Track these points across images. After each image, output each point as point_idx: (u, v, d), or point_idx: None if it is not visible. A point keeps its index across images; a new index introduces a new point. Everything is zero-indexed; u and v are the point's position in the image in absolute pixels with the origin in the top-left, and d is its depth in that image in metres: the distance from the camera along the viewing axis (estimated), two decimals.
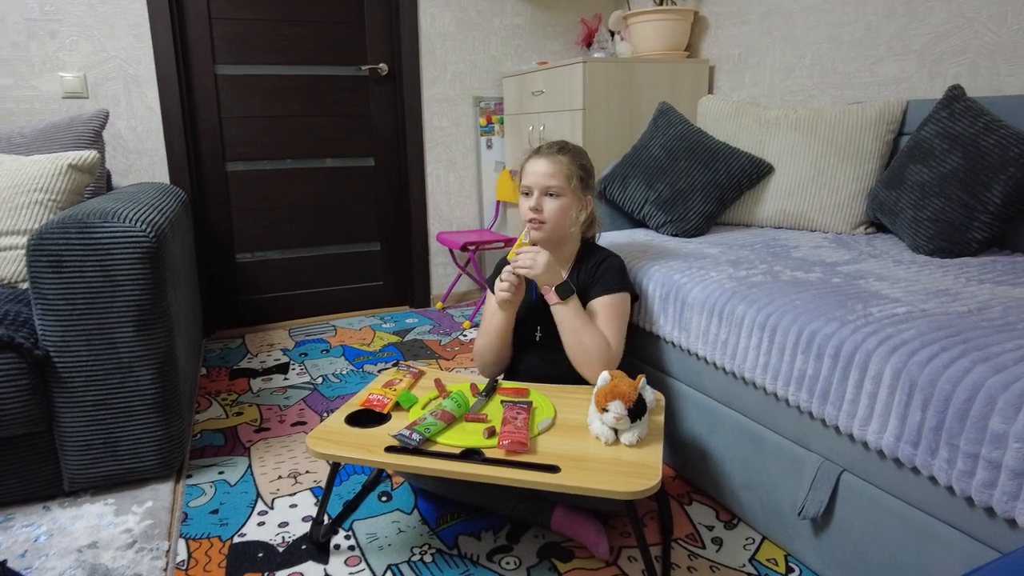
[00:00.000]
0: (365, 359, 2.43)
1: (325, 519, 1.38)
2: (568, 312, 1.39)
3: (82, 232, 1.36)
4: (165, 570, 1.26)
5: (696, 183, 1.96)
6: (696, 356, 1.45)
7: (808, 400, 1.16)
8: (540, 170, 1.45)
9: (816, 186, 1.93)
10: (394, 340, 2.64)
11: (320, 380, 2.23)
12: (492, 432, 1.18)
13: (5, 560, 1.28)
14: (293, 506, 1.49)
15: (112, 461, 1.48)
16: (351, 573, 1.26)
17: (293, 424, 1.90)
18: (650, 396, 1.24)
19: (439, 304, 3.12)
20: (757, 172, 2.00)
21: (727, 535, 1.37)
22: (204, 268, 2.71)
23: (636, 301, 1.58)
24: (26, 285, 1.66)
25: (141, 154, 2.53)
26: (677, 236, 1.94)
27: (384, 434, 1.20)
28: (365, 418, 1.28)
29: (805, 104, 2.33)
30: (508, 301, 1.43)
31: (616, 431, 1.16)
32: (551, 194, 1.45)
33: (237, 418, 1.94)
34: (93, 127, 1.99)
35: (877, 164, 1.86)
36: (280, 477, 1.61)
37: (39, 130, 1.97)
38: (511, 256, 1.43)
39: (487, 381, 1.40)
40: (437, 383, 1.40)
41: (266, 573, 1.26)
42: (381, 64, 2.86)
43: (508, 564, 1.28)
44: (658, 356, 1.60)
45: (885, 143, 1.86)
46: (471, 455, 1.13)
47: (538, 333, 1.52)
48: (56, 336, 1.39)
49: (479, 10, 2.96)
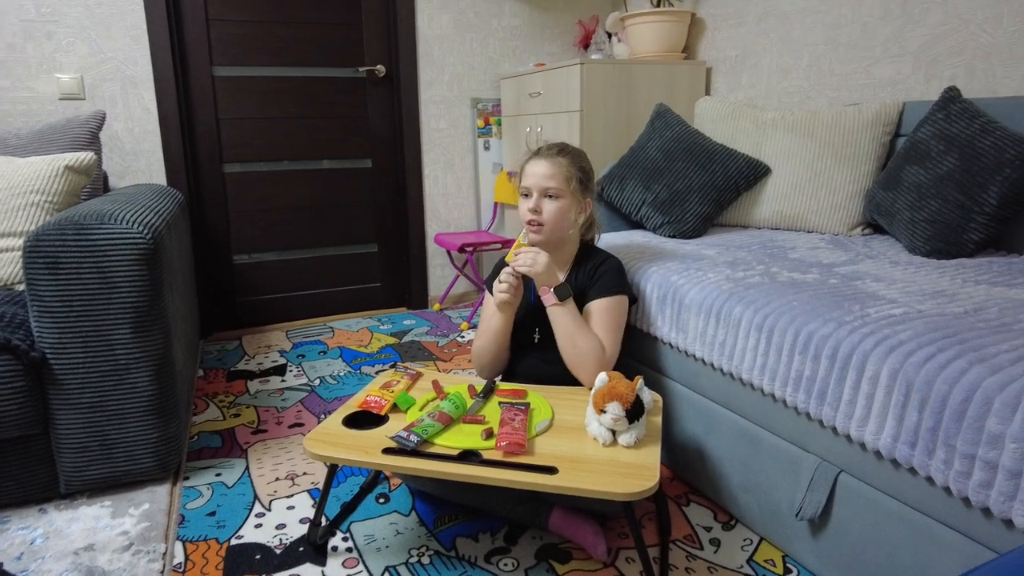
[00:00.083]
0: (362, 361, 2.43)
1: (323, 521, 1.37)
2: (565, 314, 1.39)
3: (79, 234, 1.36)
4: (162, 572, 1.26)
5: (693, 184, 1.97)
6: (694, 357, 1.46)
7: (805, 401, 1.16)
8: (539, 171, 1.45)
9: (813, 187, 1.93)
10: (392, 342, 2.64)
11: (317, 382, 2.23)
12: (490, 433, 1.18)
13: (1, 563, 1.27)
14: (291, 508, 1.49)
15: (109, 463, 1.48)
16: (349, 575, 1.26)
17: (290, 426, 1.90)
18: (648, 397, 1.24)
19: (437, 305, 3.12)
20: (754, 173, 2.00)
21: (725, 536, 1.37)
22: (201, 270, 2.71)
23: (634, 304, 1.58)
24: (22, 287, 1.65)
25: (138, 156, 2.53)
26: (674, 237, 1.94)
27: (382, 436, 1.20)
28: (363, 420, 1.28)
29: (802, 106, 2.34)
30: (507, 303, 1.43)
31: (614, 432, 1.16)
32: (550, 196, 1.45)
33: (234, 420, 1.94)
34: (90, 129, 1.99)
35: (874, 165, 1.86)
36: (277, 479, 1.61)
37: (35, 132, 1.97)
38: (509, 258, 1.43)
39: (485, 382, 1.40)
40: (435, 384, 1.40)
41: (263, 575, 1.26)
42: (378, 66, 2.86)
43: (506, 566, 1.28)
44: (656, 357, 1.60)
45: (882, 144, 1.87)
46: (469, 456, 1.13)
47: (536, 335, 1.52)
48: (52, 338, 1.38)
49: (477, 12, 2.96)
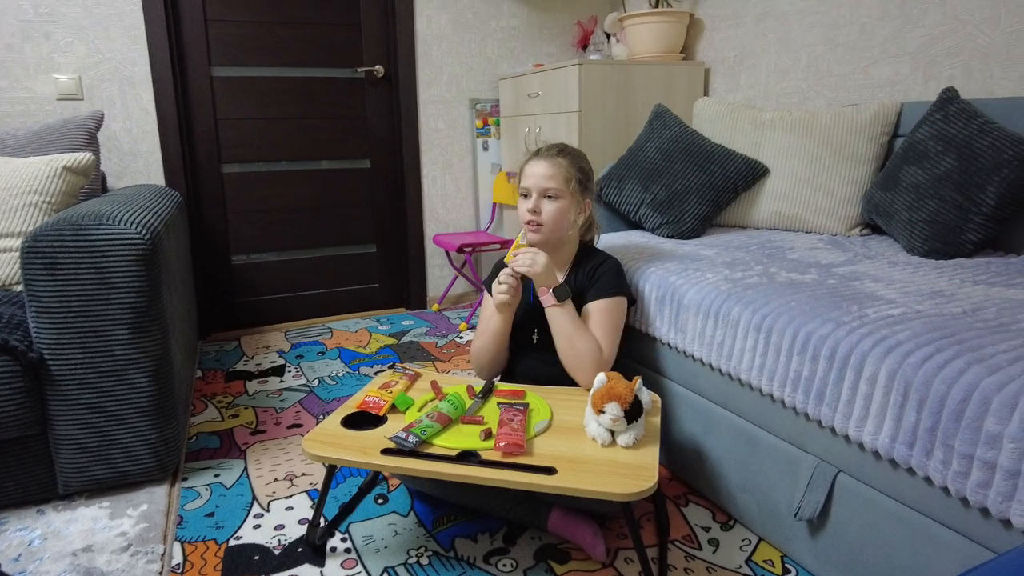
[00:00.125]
0: (361, 361, 2.43)
1: (321, 522, 1.37)
2: (563, 315, 1.39)
3: (77, 234, 1.36)
4: (160, 573, 1.26)
5: (692, 185, 1.97)
6: (692, 358, 1.46)
7: (804, 401, 1.16)
8: (539, 172, 1.45)
9: (811, 188, 1.93)
10: (390, 342, 2.64)
11: (316, 382, 2.23)
12: (488, 434, 1.18)
13: (0, 564, 1.27)
14: (289, 509, 1.49)
15: (107, 464, 1.48)
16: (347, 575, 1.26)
17: (289, 426, 1.90)
18: (646, 398, 1.24)
19: (435, 306, 3.12)
20: (752, 174, 2.00)
21: (723, 536, 1.38)
22: (200, 270, 2.71)
23: (633, 305, 1.58)
24: (20, 288, 1.65)
25: (136, 156, 2.52)
26: (673, 238, 1.94)
27: (380, 436, 1.20)
28: (361, 420, 1.28)
29: (800, 106, 2.34)
30: (506, 303, 1.43)
31: (612, 433, 1.16)
32: (549, 196, 1.45)
33: (233, 421, 1.94)
34: (88, 129, 1.99)
35: (872, 166, 1.87)
36: (276, 480, 1.61)
37: (33, 132, 1.96)
38: (508, 258, 1.43)
39: (484, 383, 1.40)
40: (433, 385, 1.40)
41: None
42: (377, 66, 2.86)
43: (505, 566, 1.28)
44: (654, 358, 1.60)
45: (880, 145, 1.87)
46: (467, 457, 1.13)
47: (535, 336, 1.52)
48: (50, 339, 1.38)
49: (475, 12, 2.96)
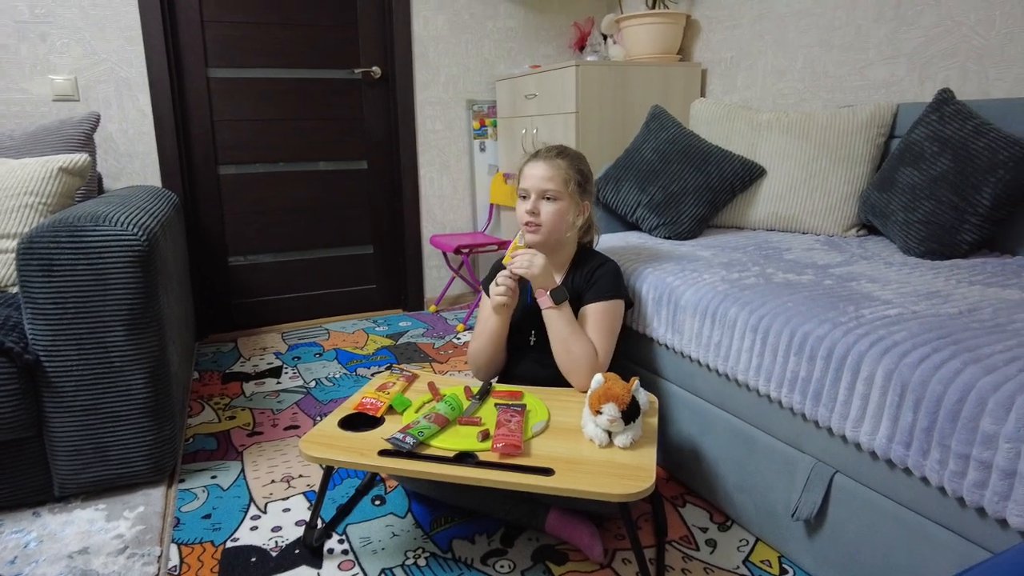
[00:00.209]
0: (358, 362, 2.42)
1: (319, 523, 1.37)
2: (560, 318, 1.39)
3: (73, 235, 1.35)
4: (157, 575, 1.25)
5: (688, 186, 1.97)
6: (689, 358, 1.46)
7: (801, 402, 1.16)
8: (538, 174, 1.45)
9: (808, 189, 1.94)
10: (387, 343, 2.64)
11: (313, 384, 2.22)
12: (486, 435, 1.18)
13: None
14: (286, 510, 1.48)
15: (103, 466, 1.47)
16: None
17: (286, 428, 1.90)
18: (644, 398, 1.24)
19: (432, 307, 3.12)
20: (749, 175, 2.01)
21: (721, 537, 1.38)
22: (196, 272, 2.70)
23: (630, 308, 1.58)
24: (16, 289, 1.64)
25: (133, 157, 2.52)
26: (670, 239, 1.94)
27: (378, 438, 1.20)
28: (358, 422, 1.27)
29: (797, 107, 2.35)
30: (504, 305, 1.43)
31: (610, 433, 1.16)
32: (548, 198, 1.45)
33: (230, 422, 1.93)
34: (84, 130, 1.98)
35: (868, 167, 1.87)
36: (273, 481, 1.61)
37: (29, 133, 1.96)
38: (506, 260, 1.43)
39: (481, 384, 1.40)
40: (431, 386, 1.40)
41: None
42: (374, 67, 2.86)
43: (502, 567, 1.28)
44: (651, 358, 1.60)
45: (876, 146, 1.87)
46: (465, 458, 1.12)
47: (532, 337, 1.51)
48: (46, 340, 1.38)
49: (472, 13, 2.96)
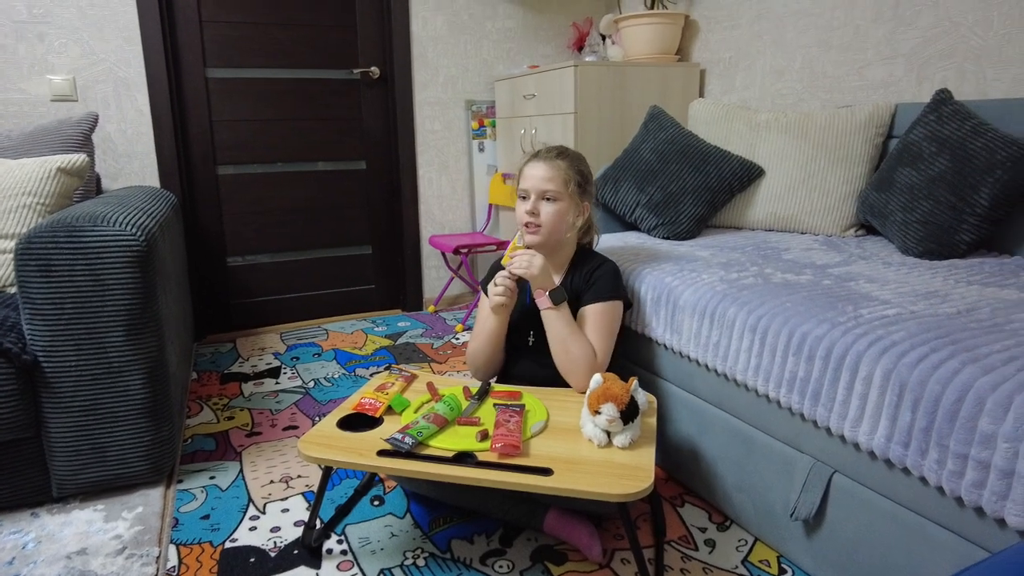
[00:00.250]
0: (357, 363, 2.42)
1: (317, 524, 1.37)
2: (558, 319, 1.39)
3: (71, 236, 1.35)
4: None
5: (687, 186, 1.97)
6: (688, 358, 1.46)
7: (799, 402, 1.16)
8: (538, 174, 1.45)
9: (806, 189, 1.94)
10: (386, 344, 2.64)
11: (312, 384, 2.22)
12: (485, 435, 1.18)
13: None
14: (285, 511, 1.48)
15: (101, 467, 1.47)
16: None
17: (285, 428, 1.89)
18: (642, 398, 1.24)
19: (431, 307, 3.12)
20: (748, 175, 2.01)
21: (720, 537, 1.38)
22: (195, 272, 2.70)
23: (629, 309, 1.58)
24: (14, 289, 1.64)
25: (131, 158, 2.52)
26: (669, 239, 1.94)
27: (376, 438, 1.20)
28: (357, 422, 1.27)
29: (795, 107, 2.35)
30: (502, 305, 1.43)
31: (609, 433, 1.16)
32: (548, 198, 1.45)
33: (228, 423, 1.93)
34: (82, 130, 1.98)
35: (866, 167, 1.87)
36: (272, 482, 1.60)
37: (27, 133, 1.95)
38: (505, 260, 1.43)
39: (480, 384, 1.40)
40: (429, 386, 1.40)
41: None
42: (373, 67, 2.86)
43: (501, 568, 1.28)
44: (650, 358, 1.60)
45: (874, 146, 1.88)
46: (464, 458, 1.12)
47: (531, 337, 1.51)
48: (45, 341, 1.37)
49: (471, 13, 2.96)
